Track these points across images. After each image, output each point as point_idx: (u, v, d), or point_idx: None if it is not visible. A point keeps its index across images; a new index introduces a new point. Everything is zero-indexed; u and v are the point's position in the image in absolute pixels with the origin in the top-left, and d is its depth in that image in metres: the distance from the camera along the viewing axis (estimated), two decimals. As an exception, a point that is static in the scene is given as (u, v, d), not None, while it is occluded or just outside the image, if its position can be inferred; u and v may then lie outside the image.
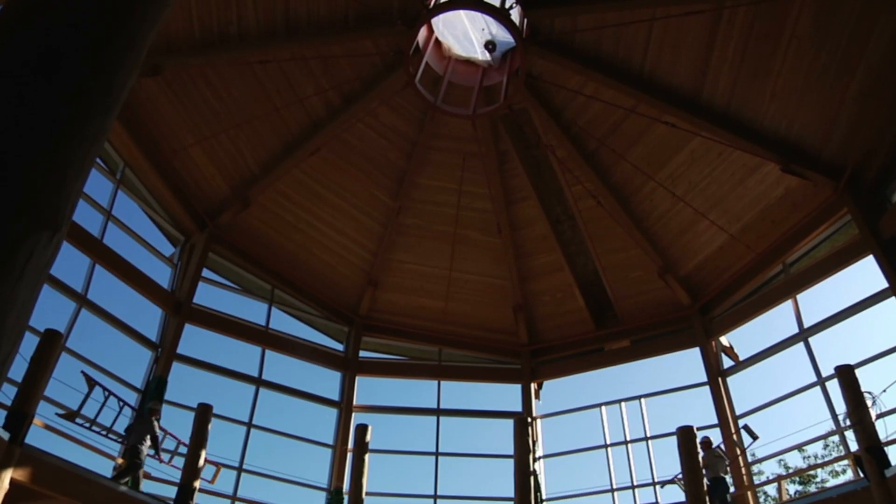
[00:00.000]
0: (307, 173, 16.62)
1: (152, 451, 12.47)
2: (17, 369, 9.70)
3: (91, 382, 11.94)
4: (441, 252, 18.03)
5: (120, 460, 12.68)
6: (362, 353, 18.21)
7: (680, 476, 13.51)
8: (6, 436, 8.76)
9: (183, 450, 13.52)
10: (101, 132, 2.54)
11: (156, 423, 12.58)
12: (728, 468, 13.63)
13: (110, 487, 10.96)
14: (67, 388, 11.86)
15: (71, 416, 11.66)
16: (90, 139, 2.47)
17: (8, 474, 8.71)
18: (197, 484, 12.18)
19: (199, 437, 12.60)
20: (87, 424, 11.99)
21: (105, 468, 12.54)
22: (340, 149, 16.52)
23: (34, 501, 10.15)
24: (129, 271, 14.12)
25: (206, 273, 16.00)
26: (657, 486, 14.82)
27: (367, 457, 14.45)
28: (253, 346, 16.56)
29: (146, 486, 12.82)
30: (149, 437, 12.21)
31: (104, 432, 12.29)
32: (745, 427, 14.27)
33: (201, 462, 12.44)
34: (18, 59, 2.38)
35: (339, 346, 18.22)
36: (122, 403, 12.60)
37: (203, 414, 12.87)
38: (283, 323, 17.47)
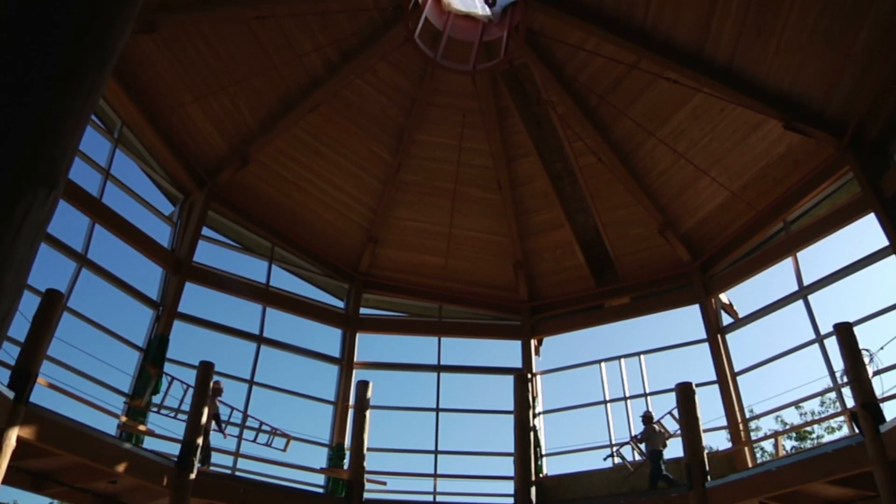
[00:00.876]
0: (306, 131, 16.50)
1: (217, 428, 13.54)
2: (20, 329, 9.76)
3: (154, 372, 12.98)
4: (441, 209, 17.99)
5: (124, 418, 12.81)
6: (363, 310, 18.27)
7: (638, 436, 14.34)
8: (11, 395, 8.84)
9: (251, 423, 14.45)
10: (96, 87, 2.52)
11: (217, 402, 13.51)
12: (666, 443, 14.16)
13: (115, 444, 11.09)
14: (72, 349, 11.98)
15: (141, 402, 12.74)
16: (85, 94, 2.45)
17: (14, 432, 8.80)
18: (200, 441, 12.32)
19: (200, 395, 12.71)
20: (156, 409, 13.00)
21: (109, 425, 12.68)
22: (339, 106, 16.38)
23: (41, 458, 10.29)
24: (128, 230, 14.10)
25: (205, 231, 15.98)
26: (614, 454, 15.02)
27: (368, 413, 14.61)
28: (253, 303, 16.62)
29: (150, 443, 13.00)
30: (211, 414, 13.12)
31: (173, 414, 13.11)
32: (672, 413, 14.51)
33: (203, 419, 12.57)
34: (11, 14, 2.34)
35: (340, 303, 18.28)
36: (185, 386, 13.23)
37: (205, 372, 12.98)
38: (284, 280, 17.52)
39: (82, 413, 11.84)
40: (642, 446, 14.35)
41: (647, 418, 14.36)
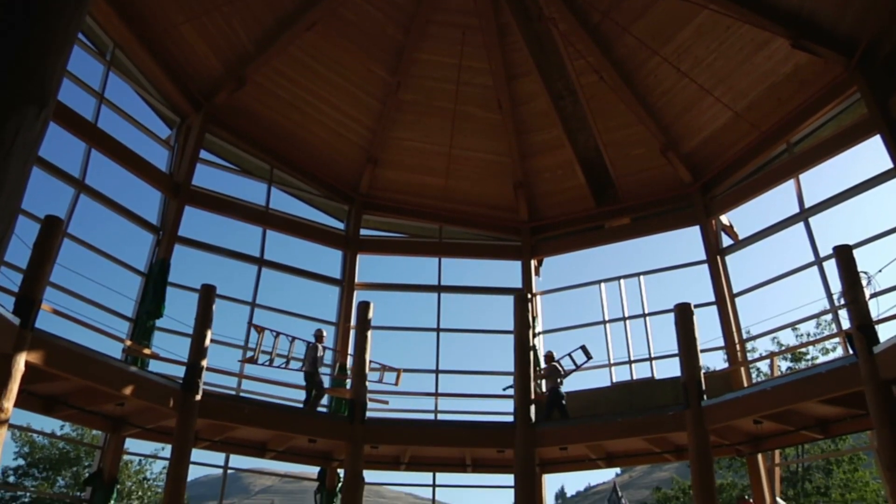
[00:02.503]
0: (303, 50, 16.14)
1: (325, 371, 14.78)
2: (22, 256, 9.80)
3: (259, 329, 14.20)
4: (441, 129, 17.77)
5: (129, 342, 12.98)
6: (363, 232, 18.29)
7: (541, 371, 15.43)
8: (16, 321, 8.91)
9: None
10: (82, 1, 2.47)
11: (320, 347, 14.59)
12: (562, 380, 15.26)
13: (121, 368, 11.27)
14: (74, 275, 12.05)
15: (254, 358, 14.07)
16: (71, 9, 2.40)
17: (22, 357, 8.91)
18: (204, 363, 12.50)
19: (203, 318, 12.84)
20: (268, 362, 14.21)
21: (114, 349, 12.87)
22: (337, 24, 15.99)
23: (49, 382, 10.47)
24: (125, 155, 13.95)
25: (203, 154, 15.80)
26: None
27: (369, 333, 14.75)
28: (254, 226, 16.63)
29: (156, 366, 13.20)
30: (314, 359, 14.43)
31: (285, 364, 14.41)
32: (583, 347, 15.52)
33: (207, 342, 12.71)
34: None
35: (340, 225, 18.28)
36: (291, 338, 14.47)
37: (207, 295, 13.07)
38: (283, 203, 17.49)
39: (87, 338, 11.97)
40: (542, 382, 15.46)
41: (548, 357, 15.56)
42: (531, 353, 15.07)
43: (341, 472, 14.70)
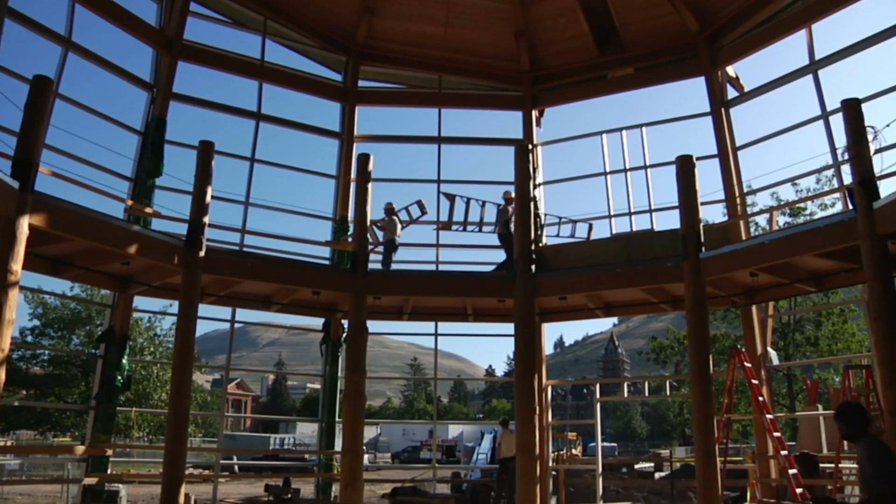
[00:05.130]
0: None
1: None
2: (14, 119, 9.64)
3: (450, 196, 15.28)
4: (440, -26, 16.98)
5: (130, 202, 13.00)
6: (361, 83, 17.89)
7: (378, 223, 15.81)
8: (15, 184, 8.88)
9: (550, 219, 16.49)
10: None
11: (510, 209, 14.86)
12: (400, 232, 15.75)
13: (124, 227, 11.35)
14: (70, 136, 11.93)
15: (448, 225, 15.61)
16: None
17: (25, 220, 8.93)
18: (206, 219, 12.52)
19: (203, 175, 12.75)
20: (461, 227, 15.51)
21: (115, 209, 12.90)
22: None
23: (54, 244, 10.59)
24: (111, 8, 13.42)
25: (194, 7, 15.19)
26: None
27: (370, 185, 14.72)
28: (249, 80, 16.27)
29: (158, 224, 13.31)
30: (506, 221, 15.07)
31: (477, 228, 15.77)
32: (418, 202, 15.90)
33: (208, 198, 12.69)
34: None
35: (338, 77, 17.86)
36: (481, 202, 15.57)
37: (205, 151, 12.92)
38: (279, 55, 16.99)
39: (87, 199, 11.98)
40: (380, 234, 15.77)
41: (389, 210, 15.80)
42: (531, 205, 15.12)
43: (345, 322, 15.13)
